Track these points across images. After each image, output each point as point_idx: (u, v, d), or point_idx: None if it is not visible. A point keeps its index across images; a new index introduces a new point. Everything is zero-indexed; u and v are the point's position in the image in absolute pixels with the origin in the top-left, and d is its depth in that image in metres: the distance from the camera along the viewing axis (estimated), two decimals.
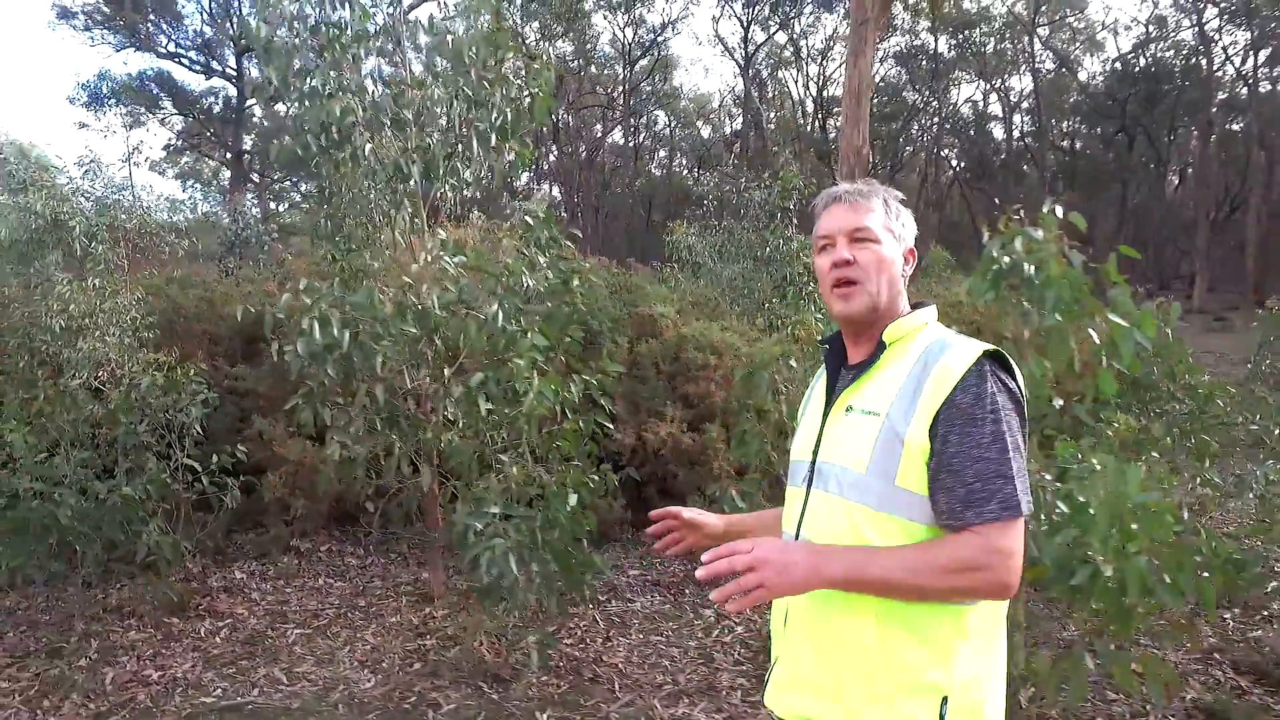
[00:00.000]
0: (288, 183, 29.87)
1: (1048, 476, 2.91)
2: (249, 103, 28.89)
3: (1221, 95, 31.20)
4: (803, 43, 34.43)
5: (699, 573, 1.20)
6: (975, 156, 35.18)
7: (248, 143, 28.61)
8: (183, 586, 4.59)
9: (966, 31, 32.03)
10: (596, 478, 4.05)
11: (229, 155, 29.20)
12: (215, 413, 5.16)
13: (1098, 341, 2.74)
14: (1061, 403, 2.97)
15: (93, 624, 4.28)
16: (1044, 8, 32.31)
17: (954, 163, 37.22)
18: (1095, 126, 33.80)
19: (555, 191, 34.29)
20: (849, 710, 1.30)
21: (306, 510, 5.36)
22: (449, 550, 4.76)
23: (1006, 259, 2.99)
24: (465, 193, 4.19)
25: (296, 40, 3.69)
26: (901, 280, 1.45)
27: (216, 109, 28.98)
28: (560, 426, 4.07)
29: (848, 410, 1.38)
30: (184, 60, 27.00)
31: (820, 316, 6.07)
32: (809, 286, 6.35)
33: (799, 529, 1.43)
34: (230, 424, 5.96)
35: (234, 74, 27.42)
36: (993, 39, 32.64)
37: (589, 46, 33.34)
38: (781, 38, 34.21)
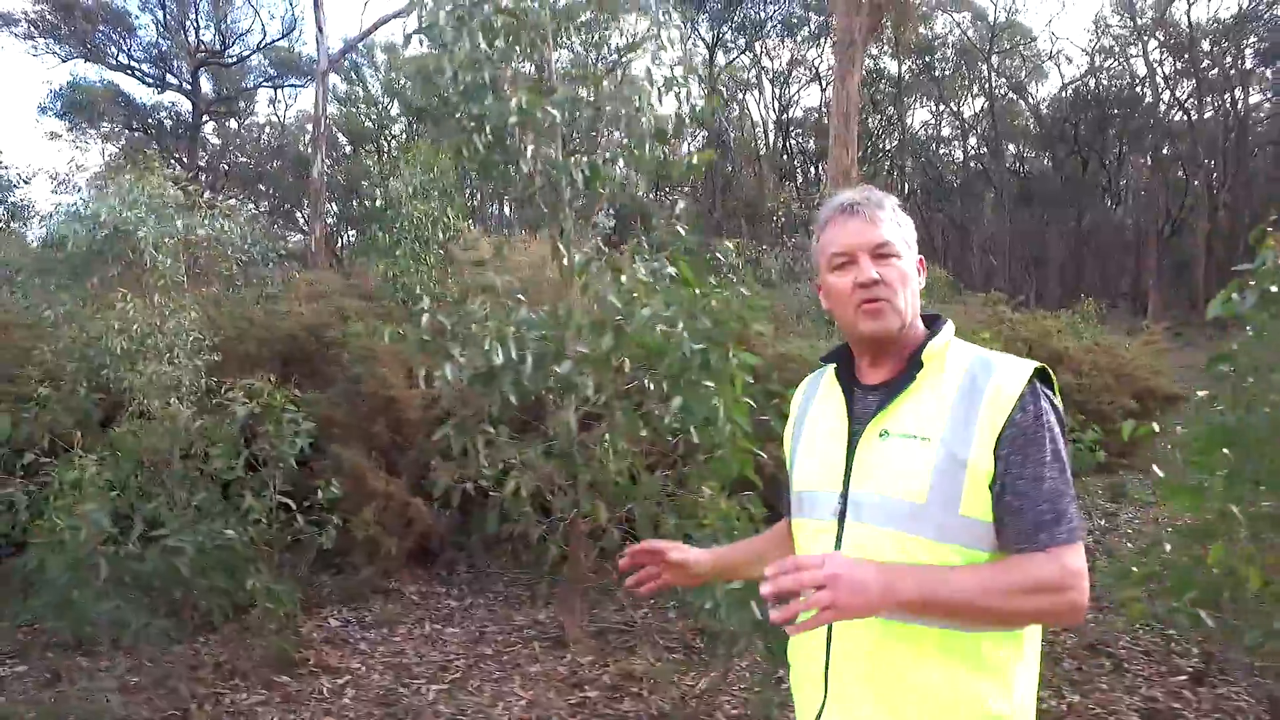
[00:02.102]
0: (237, 200, 28.77)
1: None
2: (203, 118, 27.80)
3: (1162, 121, 32.67)
4: (766, 63, 34.90)
5: (763, 588, 1.08)
6: (933, 178, 36.06)
7: (202, 159, 27.47)
8: (281, 638, 4.10)
9: (925, 57, 32.92)
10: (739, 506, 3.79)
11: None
12: None
13: None
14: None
15: (196, 686, 3.75)
16: (996, 37, 33.48)
17: (910, 183, 38.08)
18: (1048, 149, 35.02)
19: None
20: None
21: (396, 549, 4.89)
22: (583, 591, 4.38)
23: None
24: (620, 199, 3.87)
25: (468, 30, 3.34)
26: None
27: (169, 124, 27.73)
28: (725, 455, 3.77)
29: (883, 435, 1.28)
30: (136, 73, 25.78)
31: None
32: None
33: None
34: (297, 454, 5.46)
35: (189, 87, 26.33)
36: (949, 64, 33.62)
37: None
38: (745, 60, 34.62)
